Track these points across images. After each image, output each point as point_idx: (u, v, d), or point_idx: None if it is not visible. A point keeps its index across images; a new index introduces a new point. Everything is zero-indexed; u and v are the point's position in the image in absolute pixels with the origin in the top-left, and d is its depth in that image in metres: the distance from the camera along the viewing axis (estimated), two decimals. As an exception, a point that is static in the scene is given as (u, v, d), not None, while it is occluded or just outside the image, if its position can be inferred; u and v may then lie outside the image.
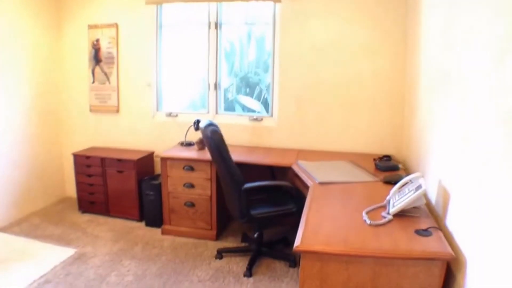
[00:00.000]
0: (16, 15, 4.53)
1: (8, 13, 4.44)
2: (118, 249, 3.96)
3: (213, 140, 3.25)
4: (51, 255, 3.82)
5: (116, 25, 4.82)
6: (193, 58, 4.86)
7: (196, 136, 4.35)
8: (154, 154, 4.82)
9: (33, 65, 4.83)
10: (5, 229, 4.41)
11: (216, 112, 4.69)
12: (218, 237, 4.12)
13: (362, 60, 4.11)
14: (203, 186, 4.03)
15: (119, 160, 4.59)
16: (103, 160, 4.67)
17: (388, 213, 2.26)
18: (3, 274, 3.47)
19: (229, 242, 4.06)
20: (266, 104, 4.73)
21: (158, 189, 4.33)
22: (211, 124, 3.38)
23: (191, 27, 4.78)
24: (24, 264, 3.65)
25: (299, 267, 2.04)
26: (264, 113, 4.68)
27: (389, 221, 2.20)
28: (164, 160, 4.13)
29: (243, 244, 4.01)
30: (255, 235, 3.67)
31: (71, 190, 5.29)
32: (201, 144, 4.28)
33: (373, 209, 2.38)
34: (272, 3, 4.33)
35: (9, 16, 4.46)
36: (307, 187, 3.03)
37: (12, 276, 3.45)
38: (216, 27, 4.56)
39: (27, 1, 4.66)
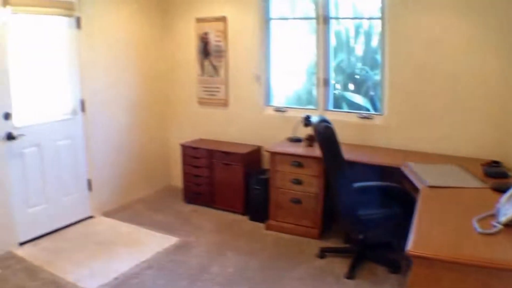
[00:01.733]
0: (129, 10, 5.20)
1: (122, 9, 5.11)
2: (221, 240, 4.36)
3: (325, 136, 3.46)
4: (154, 242, 4.33)
5: (224, 19, 5.23)
6: (300, 52, 5.12)
7: (304, 132, 4.59)
8: (262, 149, 5.15)
9: (143, 58, 5.47)
10: (111, 214, 5.06)
11: (325, 109, 4.90)
12: (321, 236, 4.36)
13: (475, 57, 4.01)
14: (311, 183, 4.30)
15: (227, 153, 5.01)
16: (210, 152, 5.13)
17: (499, 223, 2.32)
18: (108, 256, 4.04)
19: (332, 242, 4.28)
20: (372, 102, 4.85)
21: (264, 183, 4.66)
22: (324, 120, 3.60)
23: (298, 21, 5.06)
24: (128, 249, 4.20)
25: (401, 273, 2.16)
26: (372, 111, 4.80)
27: (500, 231, 2.26)
28: (273, 154, 4.46)
29: (346, 245, 4.21)
30: (360, 237, 3.83)
31: (176, 179, 5.87)
32: (309, 141, 4.53)
33: (483, 217, 2.44)
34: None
35: (124, 12, 5.14)
36: (415, 189, 3.14)
37: (116, 258, 4.00)
38: (324, 21, 4.75)
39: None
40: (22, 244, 4.25)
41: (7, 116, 4.03)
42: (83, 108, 4.80)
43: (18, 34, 4.13)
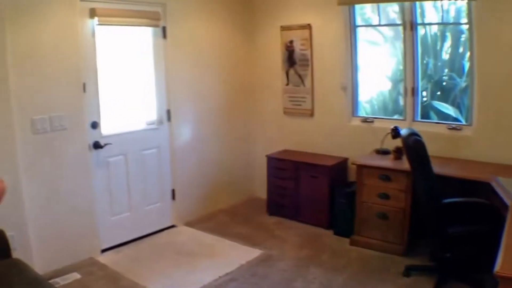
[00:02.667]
0: (214, 19, 5.49)
1: (207, 18, 5.41)
2: (305, 255, 4.45)
3: (415, 150, 3.49)
4: (237, 254, 4.50)
5: (309, 26, 5.35)
6: (386, 60, 5.13)
7: (392, 144, 4.58)
8: (349, 161, 5.19)
9: (228, 67, 5.74)
10: (194, 224, 5.31)
11: (413, 119, 4.85)
12: (406, 253, 4.31)
13: None
14: (398, 198, 4.28)
15: (312, 165, 5.11)
16: (296, 164, 5.25)
17: None
18: (191, 267, 4.25)
19: (417, 260, 4.22)
20: (460, 111, 4.75)
21: (350, 197, 4.69)
22: (414, 134, 3.62)
23: (385, 27, 5.08)
24: (211, 260, 4.39)
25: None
26: (462, 120, 4.70)
27: None
28: (360, 167, 4.50)
29: (431, 263, 4.14)
30: (447, 255, 3.76)
31: (260, 191, 6.04)
32: (397, 153, 4.51)
33: None
34: (466, 1, 4.34)
35: (209, 21, 5.43)
36: (505, 206, 3.05)
37: (199, 269, 4.19)
38: (411, 27, 4.71)
39: (225, 6, 5.57)
40: (104, 251, 4.56)
41: (94, 125, 4.39)
42: (169, 118, 5.11)
43: (104, 45, 4.47)
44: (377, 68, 5.24)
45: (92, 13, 4.25)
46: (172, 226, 5.24)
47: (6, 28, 3.65)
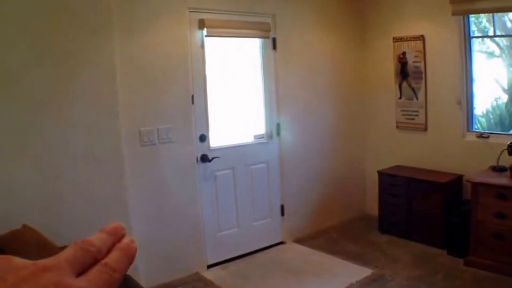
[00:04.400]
0: (324, 30, 5.86)
1: (318, 29, 5.78)
2: (417, 275, 4.68)
3: None
4: (347, 273, 4.76)
5: (422, 38, 5.60)
6: (502, 71, 5.30)
7: (508, 160, 4.71)
8: (463, 177, 5.34)
9: (338, 80, 6.09)
10: (302, 241, 5.65)
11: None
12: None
13: None
14: (515, 218, 4.41)
15: (426, 182, 5.33)
16: (408, 180, 5.49)
17: None
18: (299, 285, 4.57)
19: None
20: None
21: (465, 215, 4.86)
22: None
23: (501, 38, 5.24)
24: (319, 278, 4.70)
25: None
26: None
27: None
28: (475, 185, 4.68)
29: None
30: None
31: (371, 208, 6.32)
32: (515, 170, 4.63)
33: None
34: None
35: (319, 32, 5.80)
36: None
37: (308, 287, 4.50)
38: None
39: (335, 17, 5.94)
40: (210, 266, 4.91)
41: (203, 138, 4.78)
42: (278, 132, 5.46)
43: (213, 56, 4.83)
44: (492, 80, 5.39)
45: (201, 24, 4.62)
46: (281, 243, 5.58)
47: (116, 40, 4.01)
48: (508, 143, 4.59)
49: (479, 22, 5.37)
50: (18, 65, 3.54)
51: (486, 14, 5.19)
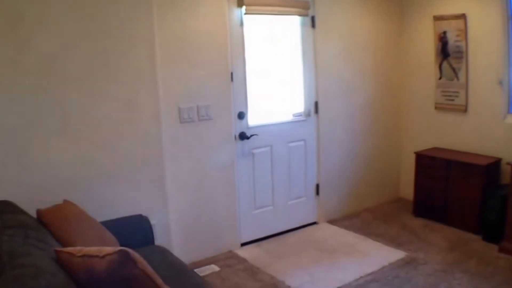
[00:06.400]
0: (363, 8, 5.75)
1: (357, 7, 5.68)
2: (450, 260, 4.58)
3: None
4: (380, 255, 4.73)
5: (464, 16, 5.38)
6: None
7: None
8: (502, 161, 5.18)
9: (377, 59, 5.97)
10: (336, 222, 5.64)
11: None
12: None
13: None
14: (555, 204, 4.24)
15: (465, 164, 5.17)
16: (447, 162, 5.35)
17: None
18: (330, 264, 4.56)
19: None
20: None
21: (502, 201, 4.72)
22: None
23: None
24: (352, 259, 4.68)
25: None
26: None
27: None
28: (514, 168, 4.53)
29: None
30: None
31: (406, 190, 6.23)
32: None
33: None
34: None
35: (358, 10, 5.70)
36: None
37: (340, 268, 4.49)
38: None
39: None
40: (243, 244, 4.98)
41: (241, 115, 4.79)
42: (316, 110, 5.42)
43: (252, 34, 4.84)
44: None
45: (240, 2, 4.59)
46: (314, 223, 5.58)
47: (155, 16, 4.01)
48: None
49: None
50: (60, 44, 3.58)
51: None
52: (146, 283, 2.01)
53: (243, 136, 4.81)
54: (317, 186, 5.58)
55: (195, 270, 4.22)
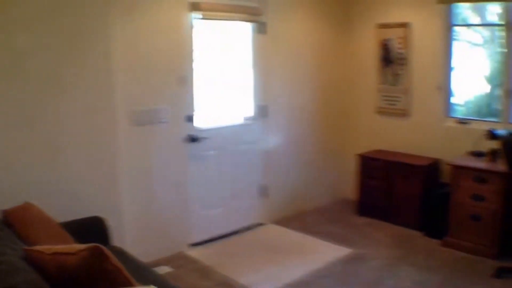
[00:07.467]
0: (311, 16, 5.86)
1: (305, 15, 5.79)
2: (396, 255, 4.75)
3: None
4: (328, 252, 4.84)
5: (406, 25, 5.60)
6: (482, 61, 5.35)
7: (486, 146, 4.76)
8: (441, 162, 5.41)
9: (323, 64, 6.11)
10: (283, 222, 5.67)
11: (509, 122, 4.99)
12: (499, 255, 4.50)
13: None
14: (492, 200, 4.49)
15: (406, 165, 5.39)
16: (389, 163, 5.54)
17: None
18: (280, 263, 4.61)
19: (510, 263, 4.37)
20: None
21: (443, 198, 4.91)
22: None
23: (482, 27, 5.31)
24: (301, 257, 4.75)
25: None
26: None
27: None
28: (455, 168, 4.75)
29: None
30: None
31: (350, 191, 6.34)
32: (493, 155, 4.70)
33: None
34: None
35: (306, 18, 5.81)
36: None
37: (290, 266, 4.55)
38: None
39: (323, 2, 5.95)
40: (194, 245, 4.91)
41: (191, 118, 4.74)
42: (265, 114, 5.46)
43: (203, 39, 4.82)
44: (472, 69, 5.44)
45: (196, 7, 4.57)
46: (261, 224, 5.58)
47: (111, 22, 3.99)
48: (487, 128, 4.62)
49: (461, 12, 5.39)
50: (26, 48, 3.54)
51: (469, 4, 5.22)
52: (117, 277, 2.07)
53: (193, 139, 4.77)
54: (264, 187, 5.61)
55: (150, 270, 4.22)
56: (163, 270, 4.36)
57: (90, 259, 2.02)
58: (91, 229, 3.57)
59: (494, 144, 4.54)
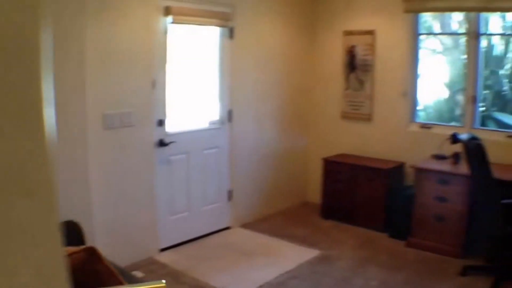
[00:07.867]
0: (279, 22, 5.94)
1: (273, 21, 5.86)
2: (362, 255, 4.86)
3: (477, 153, 3.91)
4: (295, 254, 4.91)
5: (372, 32, 5.76)
6: (443, 68, 5.57)
7: (449, 150, 4.95)
8: (405, 165, 5.57)
9: (290, 70, 6.19)
10: (249, 226, 5.71)
11: (471, 127, 5.21)
12: (463, 255, 4.66)
13: None
14: (455, 201, 4.65)
15: (370, 168, 5.52)
16: (353, 167, 5.66)
17: None
18: (250, 265, 4.65)
19: (473, 261, 4.55)
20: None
21: (407, 200, 5.06)
22: (474, 138, 4.04)
23: (444, 36, 5.52)
24: (270, 259, 4.80)
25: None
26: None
27: None
28: (418, 171, 4.91)
29: (489, 264, 4.51)
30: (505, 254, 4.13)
31: (313, 195, 6.45)
32: (455, 158, 4.88)
33: None
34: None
35: (274, 23, 5.88)
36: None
37: (259, 268, 4.58)
38: (475, 37, 5.09)
39: (290, 10, 6.04)
40: (163, 250, 4.87)
41: (161, 122, 4.73)
42: (230, 118, 5.49)
43: (174, 43, 4.80)
44: (434, 75, 5.67)
45: (167, 11, 4.57)
46: (228, 228, 5.60)
47: (86, 25, 3.98)
48: (450, 133, 4.79)
49: (424, 21, 5.60)
50: None
51: (432, 14, 5.43)
52: (109, 276, 2.16)
53: (162, 143, 4.74)
54: (230, 191, 5.62)
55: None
56: (135, 275, 4.29)
57: (84, 260, 2.09)
58: (67, 234, 3.46)
59: (457, 148, 4.71)
